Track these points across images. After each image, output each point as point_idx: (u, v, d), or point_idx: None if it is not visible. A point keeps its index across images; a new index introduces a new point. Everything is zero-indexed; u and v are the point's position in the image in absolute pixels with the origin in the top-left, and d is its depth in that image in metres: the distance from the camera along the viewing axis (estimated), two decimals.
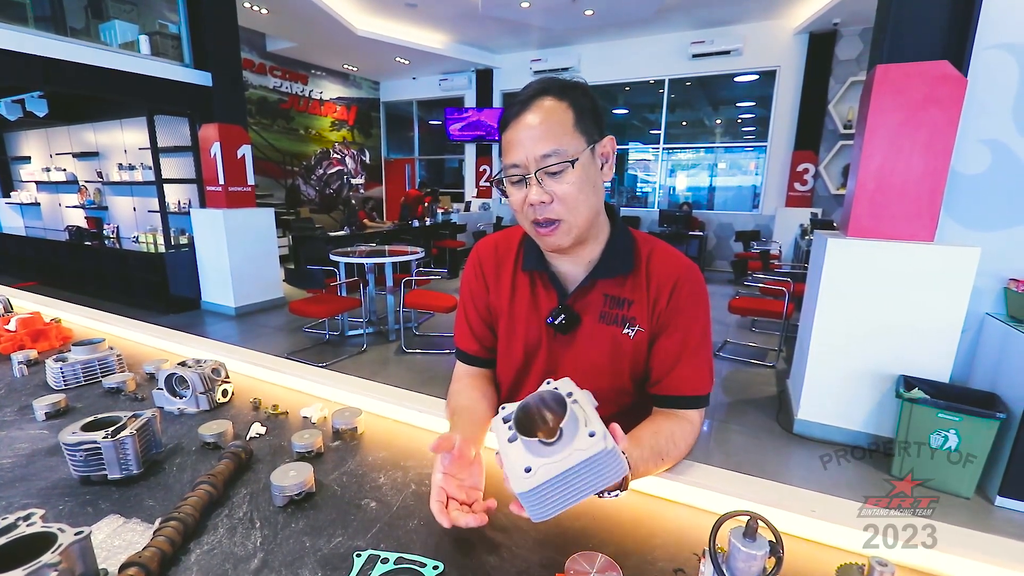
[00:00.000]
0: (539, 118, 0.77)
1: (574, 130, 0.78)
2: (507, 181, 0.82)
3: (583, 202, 0.80)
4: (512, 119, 0.80)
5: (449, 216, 8.24)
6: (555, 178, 0.78)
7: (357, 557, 0.63)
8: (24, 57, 3.77)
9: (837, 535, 0.67)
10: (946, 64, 2.33)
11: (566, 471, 0.56)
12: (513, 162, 0.79)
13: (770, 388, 3.50)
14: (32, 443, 0.91)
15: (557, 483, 0.56)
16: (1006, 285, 2.54)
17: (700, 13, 6.77)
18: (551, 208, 0.79)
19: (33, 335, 1.41)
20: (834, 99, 6.78)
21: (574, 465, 0.56)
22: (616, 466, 0.57)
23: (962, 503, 2.24)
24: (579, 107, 0.79)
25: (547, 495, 0.57)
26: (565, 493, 0.57)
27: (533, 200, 0.79)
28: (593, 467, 0.56)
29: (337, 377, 1.16)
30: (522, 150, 0.78)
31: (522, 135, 0.78)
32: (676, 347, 0.86)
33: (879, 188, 2.53)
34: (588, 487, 0.57)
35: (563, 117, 0.78)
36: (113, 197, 6.44)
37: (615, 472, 0.57)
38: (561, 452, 0.57)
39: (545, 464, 0.57)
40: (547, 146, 0.76)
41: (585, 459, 0.55)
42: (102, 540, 0.65)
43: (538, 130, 0.77)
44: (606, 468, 0.56)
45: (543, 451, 0.59)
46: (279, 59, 8.41)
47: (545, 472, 0.57)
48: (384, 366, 3.91)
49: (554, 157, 0.77)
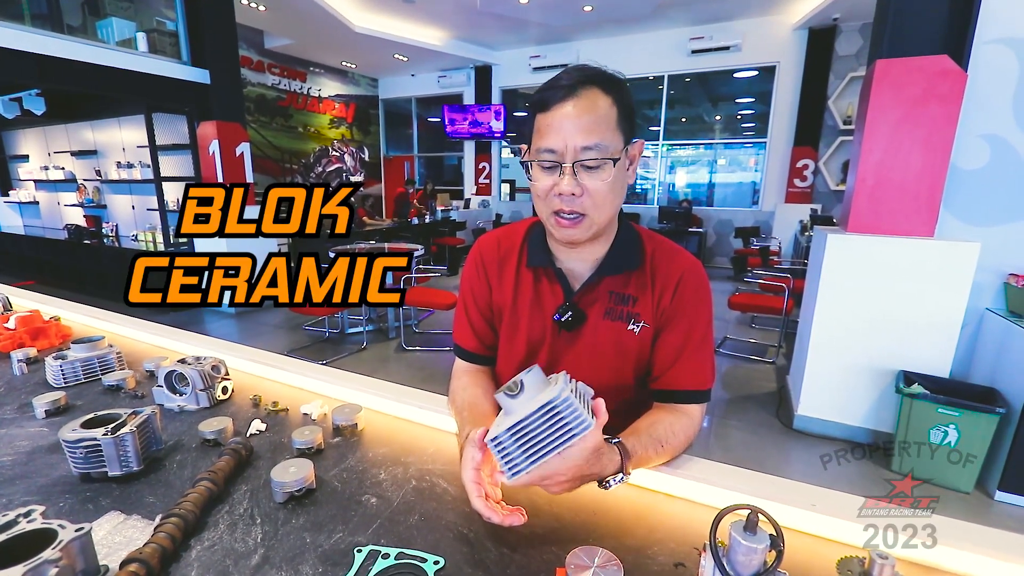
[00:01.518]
0: (585, 108, 0.75)
1: (616, 128, 0.77)
2: (537, 165, 0.80)
3: (611, 201, 0.79)
4: (554, 102, 0.76)
5: (448, 213, 8.23)
6: (591, 173, 0.76)
7: (358, 553, 0.63)
8: (21, 55, 3.75)
9: (837, 529, 0.67)
10: (946, 59, 2.33)
11: (523, 419, 0.59)
12: (549, 147, 0.77)
13: (770, 384, 3.50)
14: (32, 440, 0.91)
15: (519, 433, 0.60)
16: (1006, 280, 2.54)
17: (699, 9, 6.75)
18: (580, 201, 0.78)
19: (32, 333, 1.41)
20: (834, 94, 6.77)
21: (531, 412, 0.59)
22: (575, 417, 0.59)
23: (962, 498, 2.25)
24: (622, 105, 0.78)
25: (510, 446, 0.61)
26: (529, 445, 0.60)
27: (564, 191, 0.77)
28: (550, 416, 0.59)
29: (337, 374, 1.16)
30: (561, 137, 0.75)
31: (564, 122, 0.75)
32: (679, 342, 0.86)
33: (879, 184, 2.52)
34: (553, 439, 0.60)
35: (608, 112, 0.76)
36: (112, 195, 6.42)
37: (576, 423, 0.59)
38: (521, 403, 0.61)
39: (507, 416, 0.61)
40: (590, 139, 0.75)
41: (540, 406, 0.58)
42: (103, 537, 0.65)
43: (583, 121, 0.75)
44: (565, 418, 0.59)
45: (511, 406, 0.62)
46: (277, 56, 8.38)
47: (506, 422, 0.60)
48: (384, 363, 3.91)
49: (595, 151, 0.75)
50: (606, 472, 0.68)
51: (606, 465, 0.67)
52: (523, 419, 0.60)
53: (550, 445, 0.61)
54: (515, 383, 0.63)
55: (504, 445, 0.62)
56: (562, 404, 0.60)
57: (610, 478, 0.68)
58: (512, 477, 0.62)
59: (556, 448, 0.61)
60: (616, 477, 0.69)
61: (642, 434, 0.76)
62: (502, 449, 0.62)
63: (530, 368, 0.64)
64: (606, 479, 0.69)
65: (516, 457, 0.62)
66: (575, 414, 0.60)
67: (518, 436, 0.61)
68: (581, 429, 0.60)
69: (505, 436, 0.61)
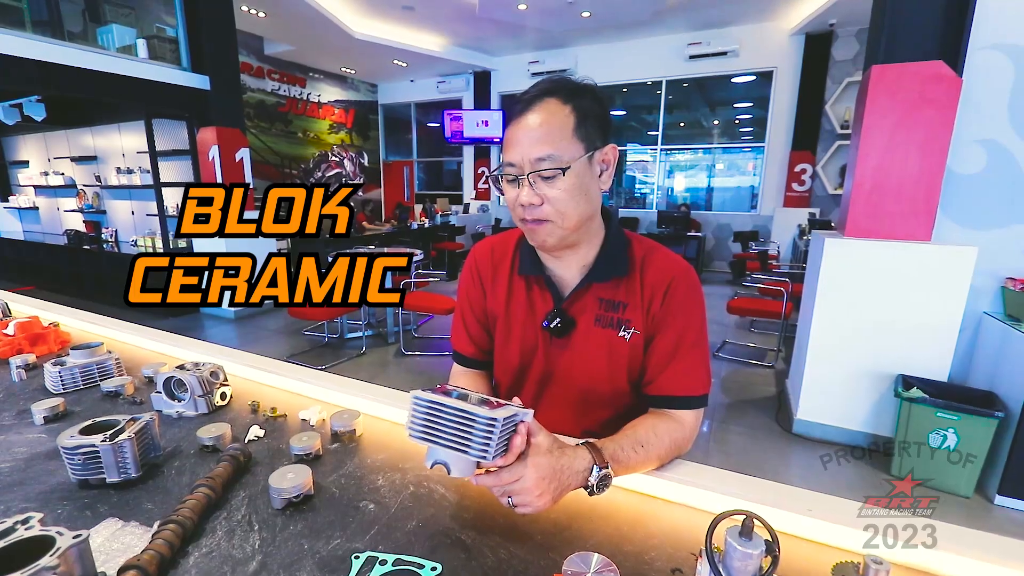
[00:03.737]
0: (539, 120, 0.78)
1: (573, 136, 0.78)
2: (503, 178, 0.83)
3: (572, 208, 0.81)
4: (515, 117, 0.81)
5: (448, 218, 8.25)
6: (547, 182, 0.79)
7: (355, 559, 0.63)
8: (22, 61, 3.76)
9: (833, 534, 0.67)
10: (941, 64, 2.34)
11: (445, 404, 0.64)
12: (510, 160, 0.80)
13: (769, 388, 3.50)
14: (30, 447, 0.91)
15: (435, 410, 0.65)
16: (1003, 284, 2.55)
17: (697, 15, 6.79)
18: (541, 210, 0.80)
19: (31, 339, 1.41)
20: (831, 99, 6.80)
21: (452, 405, 0.64)
22: (480, 441, 0.62)
23: (962, 502, 2.24)
24: (583, 112, 0.79)
25: (420, 414, 0.65)
26: (435, 427, 0.65)
27: (524, 201, 0.80)
28: (463, 421, 0.63)
29: (335, 379, 1.16)
30: (519, 150, 0.79)
31: (521, 135, 0.79)
32: (669, 347, 0.86)
33: (876, 188, 2.54)
34: (453, 437, 0.63)
35: (564, 122, 0.78)
36: (111, 201, 6.43)
37: (478, 443, 0.62)
38: (471, 404, 0.64)
39: (455, 401, 0.65)
40: (542, 150, 0.77)
41: (462, 408, 0.63)
42: (100, 543, 0.65)
43: (536, 132, 0.77)
44: (473, 432, 0.62)
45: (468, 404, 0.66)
46: (277, 62, 8.41)
47: (442, 399, 0.65)
48: (384, 368, 3.91)
49: (548, 162, 0.77)
50: (576, 466, 0.68)
51: (573, 459, 0.68)
52: (451, 406, 0.64)
53: (449, 439, 0.64)
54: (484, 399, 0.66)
55: (418, 407, 0.65)
56: (480, 422, 0.62)
57: (592, 479, 0.69)
58: (409, 433, 0.66)
59: (454, 445, 0.63)
60: (595, 473, 0.69)
61: (619, 435, 0.77)
62: (414, 409, 0.66)
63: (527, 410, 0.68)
64: (590, 483, 0.69)
65: (417, 425, 0.66)
66: (483, 437, 0.62)
67: (433, 412, 0.65)
68: (479, 449, 0.62)
69: (424, 401, 0.65)
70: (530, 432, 0.67)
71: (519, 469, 0.65)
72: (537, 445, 0.67)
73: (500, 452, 0.64)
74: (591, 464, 0.69)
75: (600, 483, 0.69)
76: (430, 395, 0.65)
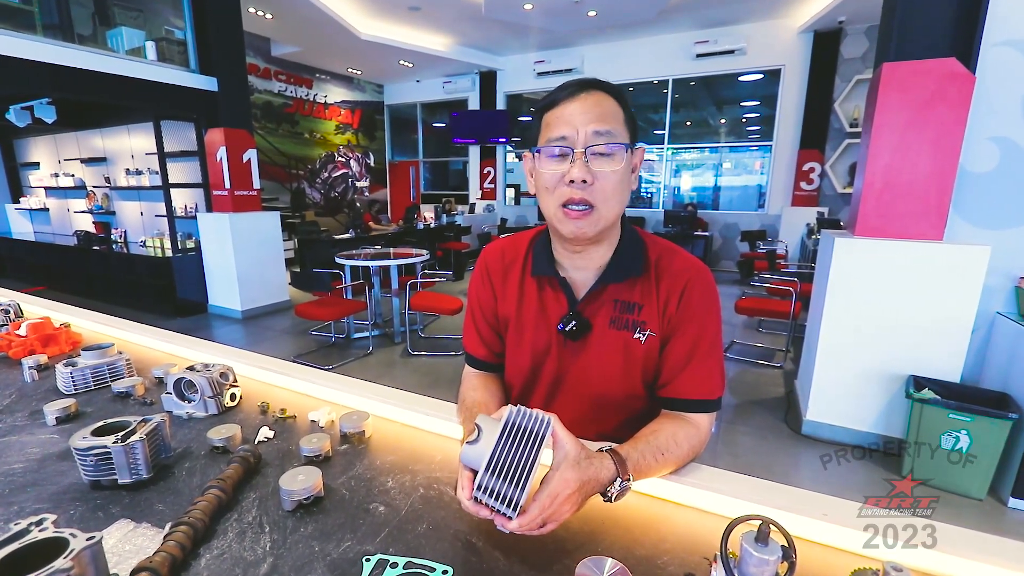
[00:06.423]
0: (595, 100, 0.78)
1: (624, 124, 0.79)
2: (546, 155, 0.80)
3: (617, 196, 0.80)
4: (562, 100, 0.79)
5: (454, 218, 8.26)
6: (602, 160, 0.77)
7: (366, 561, 0.63)
8: (33, 64, 3.81)
9: (850, 539, 0.66)
10: (953, 61, 2.31)
11: (492, 451, 0.62)
12: (561, 134, 0.78)
13: (778, 389, 3.48)
14: (43, 448, 0.92)
15: (496, 465, 0.62)
16: (1017, 284, 2.51)
17: (703, 13, 6.76)
18: (589, 190, 0.78)
19: (43, 340, 1.42)
20: (840, 97, 6.74)
21: (495, 440, 0.63)
22: (533, 420, 0.64)
23: (974, 505, 2.21)
24: (626, 109, 0.81)
25: (496, 484, 0.62)
26: (511, 470, 0.62)
27: (575, 177, 0.77)
28: (514, 432, 0.63)
29: (344, 380, 1.16)
30: (572, 125, 0.77)
31: (576, 111, 0.77)
32: (686, 350, 0.85)
33: (887, 187, 2.51)
34: (527, 450, 0.62)
35: (615, 109, 0.79)
36: (121, 202, 6.49)
37: (537, 425, 0.64)
38: (484, 442, 0.64)
39: (480, 461, 0.63)
40: (602, 125, 0.76)
41: (500, 429, 0.63)
42: (113, 545, 0.66)
43: (596, 110, 0.77)
44: (527, 426, 0.63)
45: (478, 452, 0.64)
46: (284, 63, 8.46)
47: (481, 465, 0.62)
48: (390, 368, 3.92)
49: (606, 137, 0.77)
50: (602, 477, 0.67)
51: (600, 470, 0.67)
52: (492, 451, 0.61)
53: (528, 457, 0.61)
54: (473, 429, 0.65)
55: (490, 486, 0.61)
56: (517, 415, 0.64)
57: (611, 488, 0.67)
58: (516, 514, 0.60)
59: (535, 455, 0.61)
60: (617, 484, 0.68)
61: (640, 442, 0.75)
62: (490, 492, 0.61)
63: (478, 416, 0.67)
64: (608, 491, 0.68)
65: (507, 491, 0.60)
66: (532, 417, 0.64)
67: (496, 469, 0.61)
68: (545, 426, 0.64)
69: (486, 476, 0.61)
70: (556, 440, 0.65)
71: (549, 492, 0.63)
72: (565, 455, 0.65)
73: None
74: (615, 475, 0.68)
75: (620, 493, 0.68)
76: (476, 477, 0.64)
